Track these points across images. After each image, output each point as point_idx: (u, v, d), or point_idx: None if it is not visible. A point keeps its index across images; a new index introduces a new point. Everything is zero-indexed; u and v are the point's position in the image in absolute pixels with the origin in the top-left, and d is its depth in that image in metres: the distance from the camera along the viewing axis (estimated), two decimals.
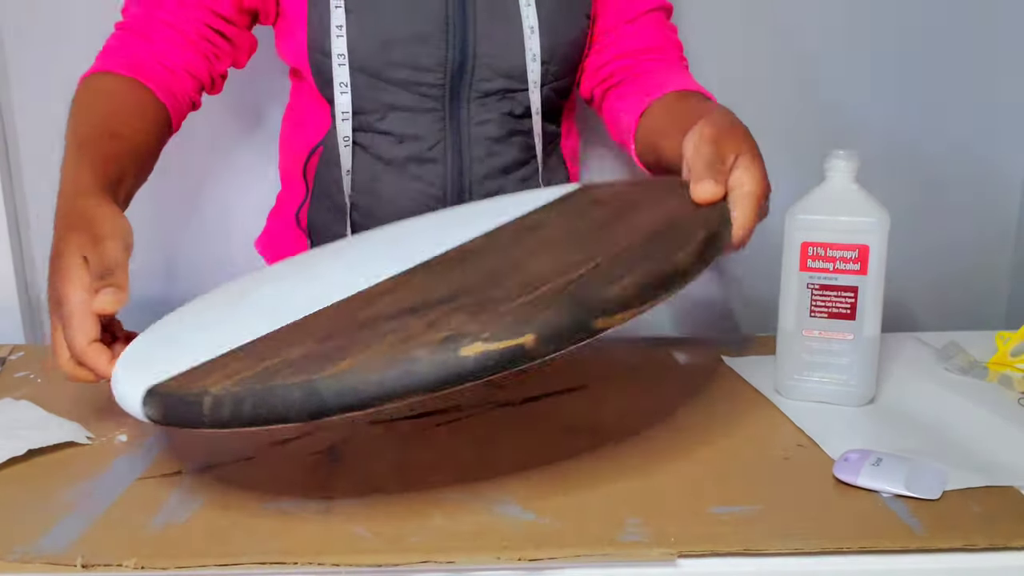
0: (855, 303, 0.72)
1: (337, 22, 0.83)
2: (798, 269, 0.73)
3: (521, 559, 0.51)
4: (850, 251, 0.71)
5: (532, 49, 0.87)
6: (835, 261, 0.72)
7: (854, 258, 0.71)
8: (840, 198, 0.72)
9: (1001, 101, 1.29)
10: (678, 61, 0.95)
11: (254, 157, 1.21)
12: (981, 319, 1.35)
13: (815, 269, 0.72)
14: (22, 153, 1.21)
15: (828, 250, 0.72)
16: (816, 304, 0.73)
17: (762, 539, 0.53)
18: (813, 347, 0.74)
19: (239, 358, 0.54)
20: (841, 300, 0.72)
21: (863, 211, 0.72)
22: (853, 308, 0.72)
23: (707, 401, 0.76)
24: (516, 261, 0.59)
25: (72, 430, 0.68)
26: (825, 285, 0.72)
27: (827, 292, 0.72)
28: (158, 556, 0.51)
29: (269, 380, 0.49)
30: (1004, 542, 0.53)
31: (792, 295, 0.74)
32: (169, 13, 0.84)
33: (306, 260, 0.77)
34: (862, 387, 0.74)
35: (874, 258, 0.71)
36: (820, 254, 0.72)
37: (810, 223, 0.72)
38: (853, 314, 0.72)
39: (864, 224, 0.71)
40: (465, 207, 0.82)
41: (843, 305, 0.72)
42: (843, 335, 0.73)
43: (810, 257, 0.72)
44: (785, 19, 1.24)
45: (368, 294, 0.60)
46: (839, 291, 0.72)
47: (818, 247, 0.72)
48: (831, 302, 0.72)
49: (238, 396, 0.49)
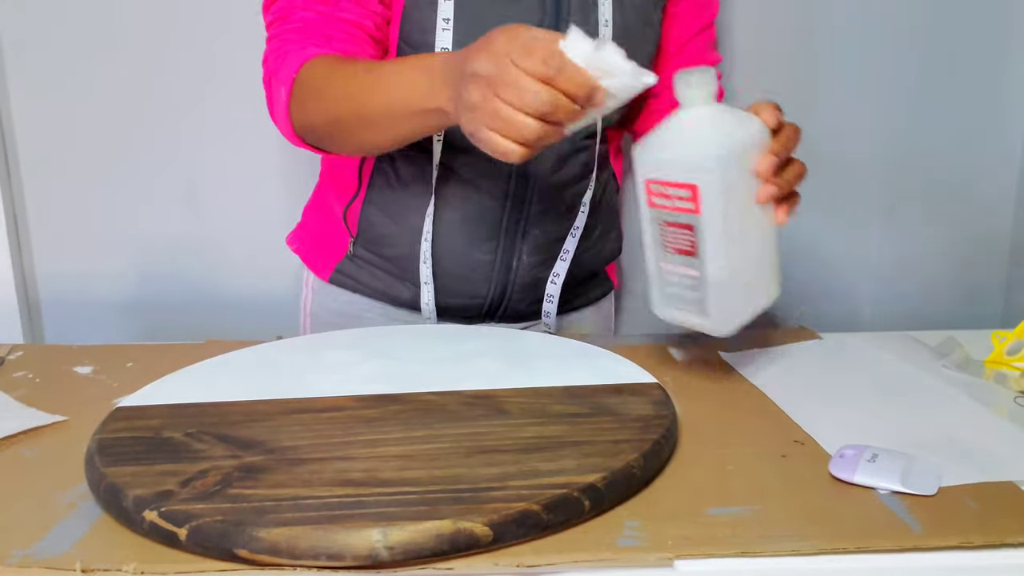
0: (695, 241, 0.68)
1: (444, 15, 0.83)
2: (647, 205, 0.70)
3: (519, 565, 0.51)
4: (683, 189, 0.67)
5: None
6: (672, 199, 0.68)
7: (688, 196, 0.67)
8: (683, 131, 0.68)
9: (999, 101, 1.29)
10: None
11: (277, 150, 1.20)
12: (977, 318, 1.35)
13: (659, 206, 0.69)
14: (21, 153, 1.21)
15: (665, 187, 0.68)
16: (667, 240, 0.70)
17: (759, 541, 0.53)
18: (671, 280, 0.72)
19: None
20: (682, 237, 0.69)
21: (695, 147, 0.67)
22: (694, 245, 0.69)
23: (705, 398, 0.76)
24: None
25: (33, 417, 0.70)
26: (669, 222, 0.70)
27: (671, 228, 0.70)
28: (158, 560, 0.51)
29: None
30: (1001, 539, 0.54)
31: (647, 229, 0.72)
32: (349, 12, 0.83)
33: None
34: (717, 322, 0.71)
35: (709, 196, 0.66)
36: (660, 191, 0.69)
37: (648, 160, 0.69)
38: (695, 251, 0.69)
39: (691, 162, 0.67)
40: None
41: (684, 242, 0.69)
42: (689, 271, 0.70)
43: (653, 194, 0.69)
44: (785, 19, 1.24)
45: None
46: (680, 228, 0.69)
47: (656, 184, 0.69)
48: (675, 239, 0.70)
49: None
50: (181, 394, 0.71)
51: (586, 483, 0.55)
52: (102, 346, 0.92)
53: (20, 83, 1.19)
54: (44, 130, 1.21)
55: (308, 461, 0.59)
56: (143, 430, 0.65)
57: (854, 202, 1.30)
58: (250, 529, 0.50)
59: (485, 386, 0.72)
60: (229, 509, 0.53)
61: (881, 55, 1.26)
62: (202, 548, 0.51)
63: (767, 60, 1.25)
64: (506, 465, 0.58)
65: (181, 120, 1.22)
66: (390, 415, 0.67)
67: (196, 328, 1.25)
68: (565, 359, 0.79)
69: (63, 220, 1.24)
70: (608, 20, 0.87)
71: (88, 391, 0.79)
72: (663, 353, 0.88)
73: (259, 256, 1.24)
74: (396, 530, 0.50)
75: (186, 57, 1.20)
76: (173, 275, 1.26)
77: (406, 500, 0.53)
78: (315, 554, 0.49)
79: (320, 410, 0.68)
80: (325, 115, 0.78)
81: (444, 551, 0.50)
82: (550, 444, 0.61)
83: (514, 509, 0.52)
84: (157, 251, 1.25)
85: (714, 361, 0.86)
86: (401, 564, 0.50)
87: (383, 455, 0.60)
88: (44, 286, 1.25)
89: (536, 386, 0.72)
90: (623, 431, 0.63)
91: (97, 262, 1.25)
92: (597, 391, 0.71)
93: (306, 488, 0.55)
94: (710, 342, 0.91)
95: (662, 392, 0.71)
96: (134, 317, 1.27)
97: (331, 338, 0.87)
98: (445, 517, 0.51)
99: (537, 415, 0.67)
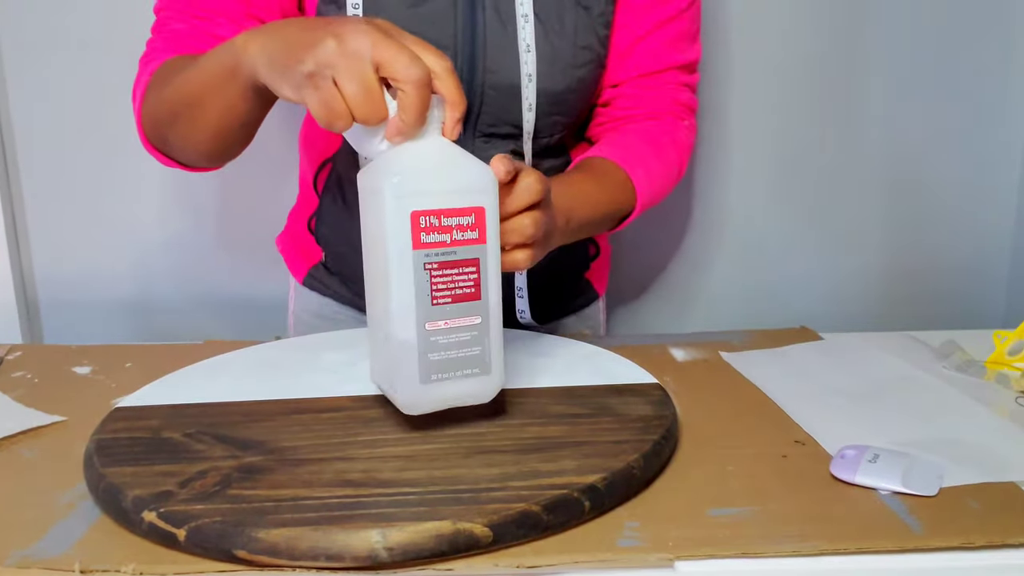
0: (478, 279, 0.59)
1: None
2: (411, 248, 0.57)
3: (519, 566, 0.51)
4: (466, 216, 0.58)
5: (528, 99, 0.84)
6: (452, 231, 0.58)
7: (471, 224, 0.58)
8: (441, 154, 0.59)
9: (1000, 101, 1.29)
10: (673, 123, 0.92)
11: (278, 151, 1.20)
12: (979, 318, 1.35)
13: (431, 244, 0.57)
14: (20, 154, 1.21)
15: (443, 218, 0.57)
16: (438, 288, 0.58)
17: (760, 542, 0.53)
18: (440, 343, 0.59)
19: None
20: (464, 278, 0.59)
21: (471, 166, 0.59)
22: (477, 285, 0.59)
23: (705, 398, 0.76)
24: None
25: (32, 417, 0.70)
26: (445, 262, 0.58)
27: (448, 271, 0.58)
28: (157, 561, 0.51)
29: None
30: (1002, 539, 0.54)
31: (401, 288, 0.58)
32: (223, 28, 0.79)
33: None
34: (496, 379, 0.62)
35: (491, 221, 0.59)
36: (435, 224, 0.57)
37: (418, 188, 0.57)
38: (478, 292, 0.60)
39: (474, 184, 0.58)
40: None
41: (466, 284, 0.59)
42: (471, 319, 0.60)
43: (423, 230, 0.57)
44: (785, 19, 1.24)
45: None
46: (461, 266, 0.59)
47: (431, 216, 0.57)
48: (453, 282, 0.59)
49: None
50: (180, 394, 0.71)
51: (586, 484, 0.55)
52: (101, 346, 0.92)
53: (20, 83, 1.19)
54: (44, 130, 1.21)
55: (307, 461, 0.59)
56: (142, 430, 0.65)
57: (854, 201, 1.30)
58: (249, 530, 0.50)
59: None
60: (228, 510, 0.52)
61: (882, 55, 1.26)
62: (201, 549, 0.51)
63: (766, 62, 1.25)
64: (506, 466, 0.58)
65: None
66: (390, 415, 0.67)
67: (195, 328, 1.25)
68: (565, 359, 0.79)
69: (62, 220, 1.24)
70: (528, 15, 0.82)
71: (87, 391, 0.79)
72: (663, 353, 0.88)
73: (258, 257, 1.24)
74: (396, 531, 0.50)
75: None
76: (172, 275, 1.26)
77: (406, 501, 0.53)
78: (314, 555, 0.49)
79: (320, 410, 0.68)
80: (161, 105, 0.74)
81: (444, 552, 0.50)
82: (550, 444, 0.61)
83: (514, 510, 0.52)
84: (156, 252, 1.25)
85: (714, 361, 0.86)
86: (401, 565, 0.50)
87: (383, 455, 0.60)
88: (43, 286, 1.25)
89: (536, 386, 0.72)
90: (623, 431, 0.63)
91: (96, 262, 1.25)
92: (597, 391, 0.71)
93: (305, 489, 0.55)
94: (710, 342, 0.91)
95: (662, 392, 0.71)
96: (133, 317, 1.27)
97: (331, 338, 0.87)
98: (445, 518, 0.51)
99: (537, 415, 0.66)
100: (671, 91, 0.92)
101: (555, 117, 0.86)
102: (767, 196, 1.30)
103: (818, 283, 1.32)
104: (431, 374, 0.59)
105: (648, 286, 1.34)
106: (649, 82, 0.91)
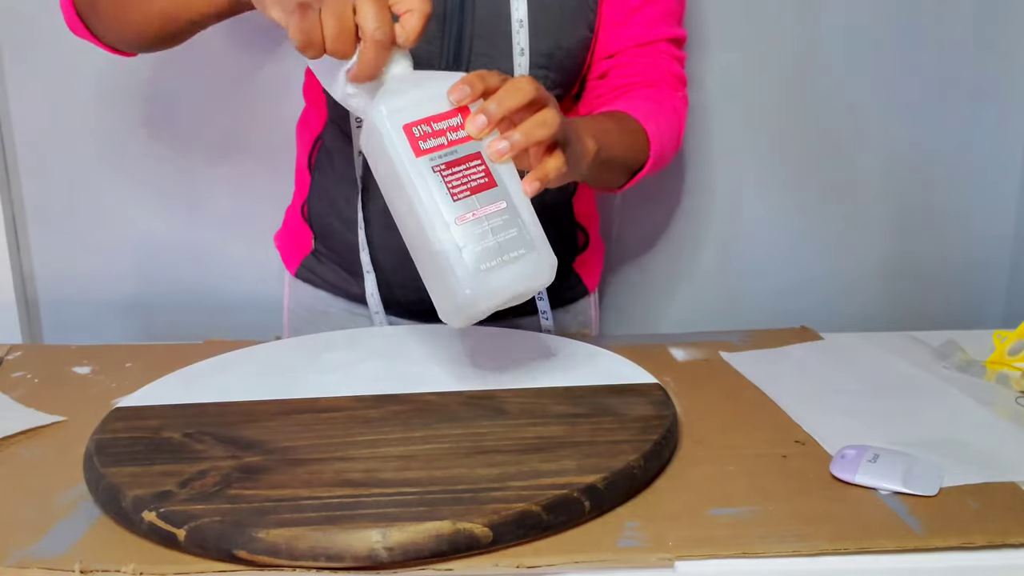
0: (487, 168, 0.62)
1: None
2: (415, 158, 0.61)
3: (519, 565, 0.51)
4: (453, 118, 0.62)
5: (520, 43, 0.85)
6: (445, 133, 0.62)
7: (460, 124, 0.62)
8: (414, 76, 0.64)
9: (1000, 101, 1.29)
10: (670, 92, 0.93)
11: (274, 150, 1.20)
12: (979, 318, 1.35)
13: (431, 150, 0.61)
14: (20, 153, 1.21)
15: (433, 123, 0.61)
16: (453, 185, 0.61)
17: (760, 542, 0.53)
18: (475, 232, 0.61)
19: None
20: (473, 171, 0.62)
21: (444, 76, 0.63)
22: (488, 174, 0.62)
23: (705, 398, 0.76)
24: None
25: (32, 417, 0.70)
26: (451, 162, 0.61)
27: (456, 168, 0.61)
28: (157, 561, 0.51)
29: None
30: (1002, 539, 0.54)
31: (418, 193, 0.61)
32: None
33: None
34: (544, 255, 0.64)
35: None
36: (427, 131, 0.61)
37: (400, 104, 0.61)
38: (492, 180, 0.62)
39: (448, 87, 0.63)
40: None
41: (477, 175, 0.62)
42: (496, 205, 0.62)
43: (419, 139, 0.61)
44: (785, 19, 1.24)
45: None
46: (466, 162, 0.62)
47: (422, 124, 0.61)
48: (465, 177, 0.62)
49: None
50: (180, 394, 0.71)
51: (586, 484, 0.55)
52: (101, 346, 0.92)
53: (20, 83, 1.19)
54: (43, 130, 1.20)
55: (308, 461, 0.59)
56: (142, 430, 0.65)
57: (854, 201, 1.30)
58: (249, 530, 0.50)
59: (485, 386, 0.72)
60: (228, 510, 0.52)
61: (882, 55, 1.26)
62: (201, 549, 0.51)
63: (766, 61, 1.25)
64: (506, 465, 0.58)
65: (180, 120, 1.22)
66: (390, 415, 0.67)
67: (195, 328, 1.25)
68: (565, 359, 0.79)
69: (62, 220, 1.23)
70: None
71: (87, 391, 0.79)
72: (663, 353, 0.88)
73: (258, 256, 1.23)
74: (396, 531, 0.50)
75: (186, 57, 1.20)
76: (172, 275, 1.26)
77: (406, 501, 0.53)
78: (314, 555, 0.49)
79: (320, 410, 0.68)
80: None
81: (444, 552, 0.50)
82: (550, 444, 0.61)
83: (514, 510, 0.52)
84: (156, 251, 1.25)
85: (714, 361, 0.86)
86: (401, 565, 0.50)
87: (383, 455, 0.60)
88: (43, 286, 1.25)
89: (536, 386, 0.72)
90: (623, 431, 0.63)
91: (96, 262, 1.25)
92: (597, 391, 0.71)
93: (306, 489, 0.55)
94: (710, 342, 0.91)
95: (662, 392, 0.71)
96: (133, 317, 1.26)
97: (331, 338, 0.87)
98: (445, 518, 0.51)
99: (537, 415, 0.67)
100: (665, 61, 0.93)
101: (544, 71, 0.87)
102: (767, 196, 1.30)
103: (818, 283, 1.32)
104: (479, 264, 0.60)
105: (646, 286, 1.34)
106: (644, 51, 0.92)
